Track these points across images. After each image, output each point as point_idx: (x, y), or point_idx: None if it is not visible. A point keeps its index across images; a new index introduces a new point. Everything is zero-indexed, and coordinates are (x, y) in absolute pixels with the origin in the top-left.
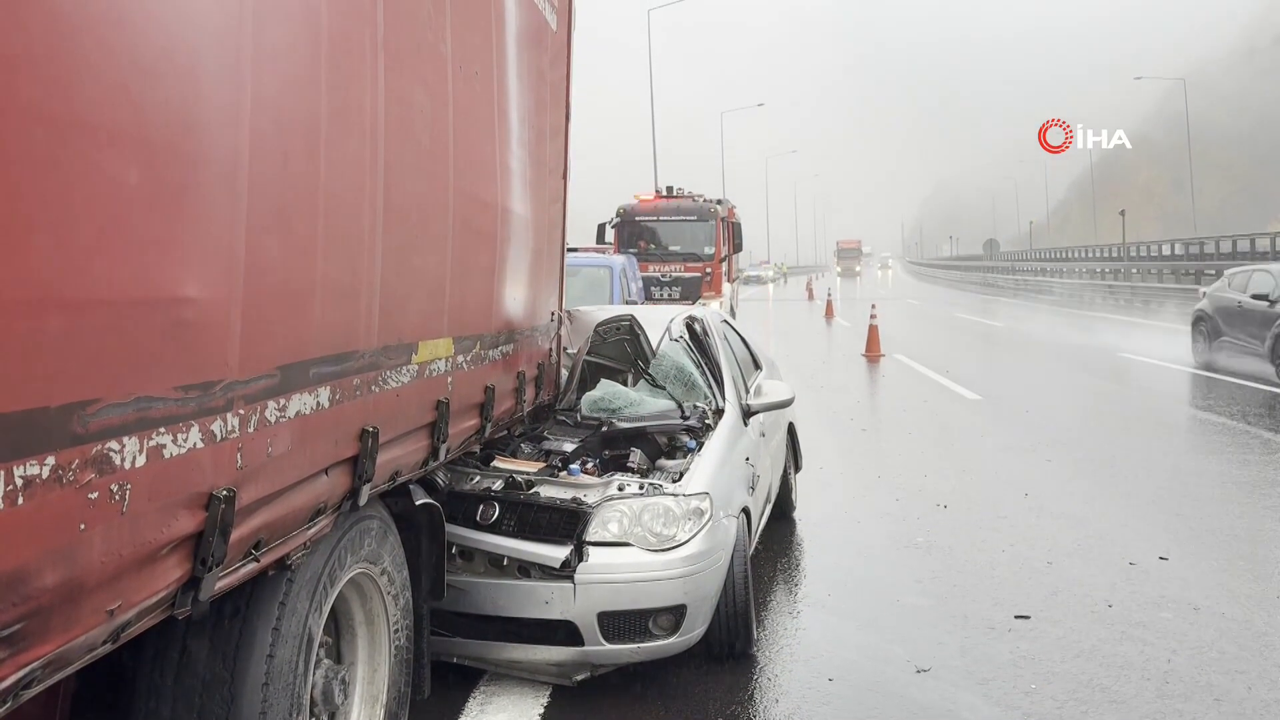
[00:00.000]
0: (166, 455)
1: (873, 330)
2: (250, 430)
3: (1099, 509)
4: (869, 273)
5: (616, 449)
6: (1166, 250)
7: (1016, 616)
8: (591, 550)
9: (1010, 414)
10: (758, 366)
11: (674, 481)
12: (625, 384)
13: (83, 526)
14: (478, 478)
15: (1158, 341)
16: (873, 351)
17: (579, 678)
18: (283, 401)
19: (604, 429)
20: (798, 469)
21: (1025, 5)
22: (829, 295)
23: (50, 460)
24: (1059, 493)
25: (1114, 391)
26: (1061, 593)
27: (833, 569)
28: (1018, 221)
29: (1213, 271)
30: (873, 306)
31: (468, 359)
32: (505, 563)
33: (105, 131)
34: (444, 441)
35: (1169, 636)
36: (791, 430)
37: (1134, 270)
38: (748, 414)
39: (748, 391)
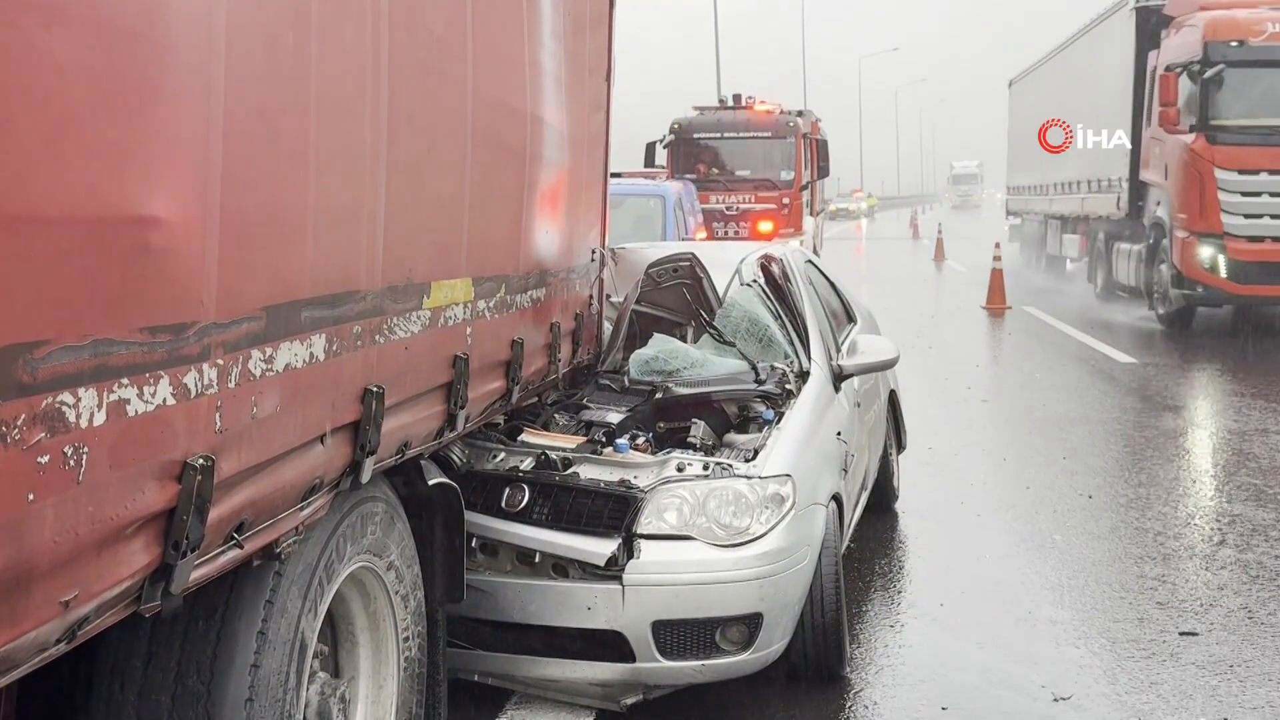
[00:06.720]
0: (131, 412)
1: (996, 276)
2: (231, 385)
3: None
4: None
5: (674, 420)
6: None
7: (1182, 634)
8: (644, 545)
9: (1176, 382)
10: (851, 319)
11: (747, 461)
12: (684, 340)
13: (31, 497)
14: (503, 455)
15: None
16: (996, 303)
17: (629, 701)
18: (269, 351)
19: (658, 395)
20: (901, 449)
21: None
22: (939, 232)
23: None
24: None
25: None
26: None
27: (945, 572)
28: None
29: None
30: (996, 246)
31: (490, 305)
32: (537, 559)
33: (49, 10)
34: (462, 407)
35: None
36: (894, 400)
37: None
38: (839, 378)
39: (839, 350)
